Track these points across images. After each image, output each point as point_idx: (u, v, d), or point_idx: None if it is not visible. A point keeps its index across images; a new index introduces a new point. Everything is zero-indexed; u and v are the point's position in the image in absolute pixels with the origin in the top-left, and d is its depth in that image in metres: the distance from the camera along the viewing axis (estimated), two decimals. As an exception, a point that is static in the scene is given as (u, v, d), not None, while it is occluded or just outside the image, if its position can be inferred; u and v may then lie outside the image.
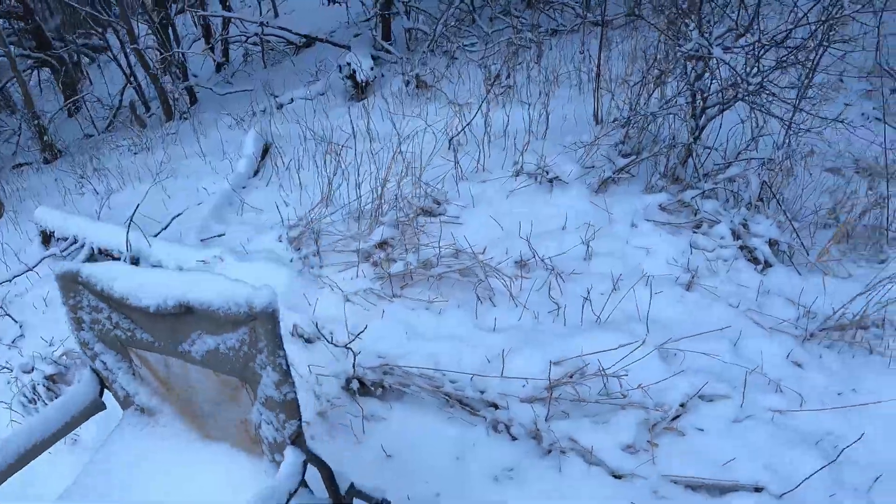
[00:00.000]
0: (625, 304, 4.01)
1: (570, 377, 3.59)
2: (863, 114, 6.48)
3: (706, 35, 4.63)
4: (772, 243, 4.38)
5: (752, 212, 4.49)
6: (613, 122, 5.09)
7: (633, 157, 4.94)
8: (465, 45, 7.46)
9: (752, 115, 4.91)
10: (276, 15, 11.58)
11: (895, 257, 4.72)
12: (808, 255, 4.46)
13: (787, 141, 5.11)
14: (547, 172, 5.01)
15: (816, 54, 4.99)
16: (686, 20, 4.56)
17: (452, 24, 8.00)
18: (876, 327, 4.10)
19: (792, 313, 4.07)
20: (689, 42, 4.53)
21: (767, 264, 4.36)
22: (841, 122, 4.84)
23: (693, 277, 4.17)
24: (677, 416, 3.44)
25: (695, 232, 4.48)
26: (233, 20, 10.31)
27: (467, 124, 5.63)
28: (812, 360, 3.82)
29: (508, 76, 6.40)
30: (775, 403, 3.54)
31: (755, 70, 4.71)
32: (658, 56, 5.12)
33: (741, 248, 4.37)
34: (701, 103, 4.88)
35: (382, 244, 4.80)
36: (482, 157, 5.37)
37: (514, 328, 4.05)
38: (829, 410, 3.54)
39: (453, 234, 4.75)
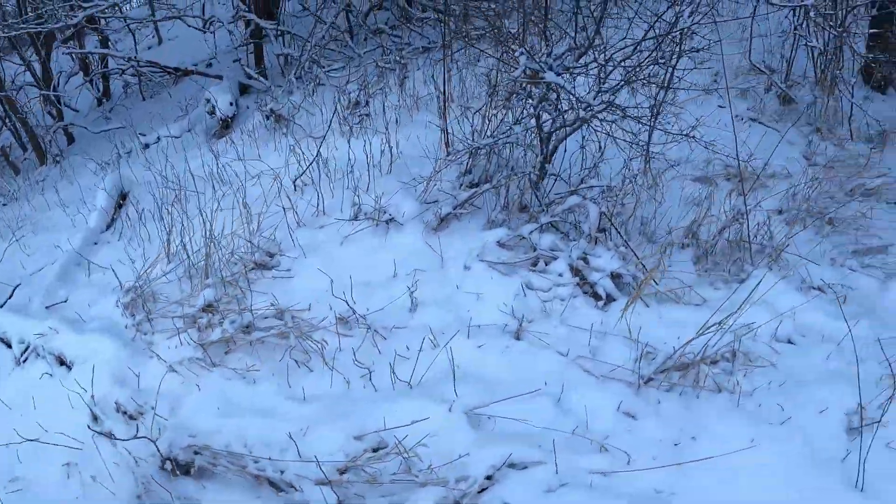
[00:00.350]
0: (443, 362, 3.75)
1: (372, 452, 3.34)
2: (737, 115, 6.30)
3: (538, 58, 4.40)
4: (615, 276, 4.15)
5: (592, 244, 4.25)
6: (448, 156, 4.82)
7: (475, 189, 4.69)
8: (329, 70, 7.17)
9: (596, 139, 4.67)
10: (161, 41, 11.26)
11: (757, 275, 4.51)
12: (656, 284, 4.24)
13: (644, 161, 4.90)
14: (384, 213, 4.75)
15: (667, 69, 4.79)
16: (512, 45, 4.31)
17: (323, 45, 7.71)
18: (725, 360, 3.88)
19: (631, 354, 3.84)
20: (518, 68, 4.28)
21: (610, 299, 4.13)
22: (692, 137, 4.63)
23: (521, 325, 3.93)
24: (483, 490, 3.20)
25: (532, 270, 4.24)
26: (111, 51, 9.96)
27: (311, 163, 5.34)
28: (647, 409, 3.59)
29: (366, 103, 6.13)
30: (597, 465, 3.31)
31: (600, 90, 4.49)
32: (496, 79, 4.88)
33: (580, 284, 4.13)
34: (551, 125, 4.65)
35: (208, 307, 4.52)
36: (321, 199, 5.09)
37: (326, 396, 3.83)
38: (658, 468, 3.30)
39: (275, 294, 4.51)
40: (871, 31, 6.81)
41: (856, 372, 3.78)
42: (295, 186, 5.45)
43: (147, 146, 7.79)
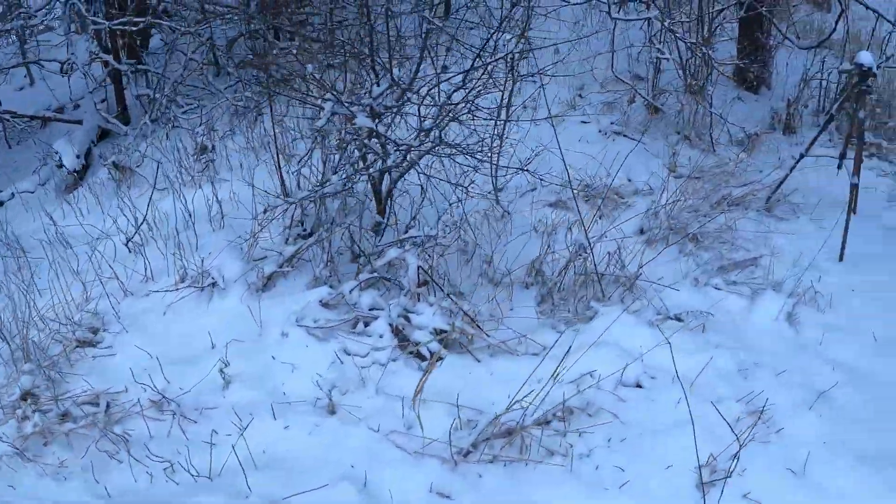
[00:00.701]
0: (247, 448, 3.47)
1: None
2: (600, 131, 6.10)
3: (354, 99, 4.15)
4: (440, 333, 3.90)
5: (414, 300, 3.99)
6: (265, 212, 4.53)
7: (302, 243, 4.42)
8: (186, 111, 6.84)
9: (419, 182, 4.42)
10: (33, 82, 10.83)
11: (605, 312, 4.29)
12: (487, 336, 3.99)
13: (494, 192, 4.67)
14: (208, 276, 4.46)
15: (502, 99, 4.57)
16: (312, 89, 4.05)
17: (179, 82, 7.35)
18: (558, 419, 3.64)
19: (451, 422, 3.57)
20: (323, 116, 4.02)
21: (437, 358, 3.87)
22: (527, 170, 4.40)
23: (331, 399, 3.66)
24: None
25: (352, 333, 3.98)
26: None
27: (141, 223, 5.02)
28: (465, 486, 3.35)
29: (212, 148, 5.81)
30: (401, 559, 3.05)
31: (421, 129, 4.25)
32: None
33: (401, 345, 3.87)
34: (378, 170, 4.39)
35: (26, 395, 4.20)
36: (148, 264, 4.78)
37: (130, 493, 3.54)
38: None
39: (95, 376, 4.21)
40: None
41: (709, 413, 3.60)
42: (129, 249, 5.12)
43: (1, 203, 7.38)
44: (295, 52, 4.32)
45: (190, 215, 5.01)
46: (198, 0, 7.91)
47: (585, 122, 6.18)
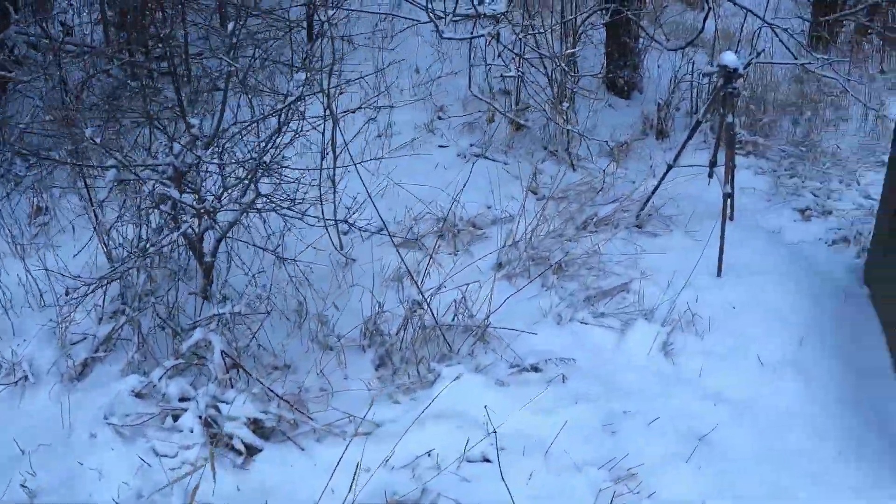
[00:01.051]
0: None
1: None
2: (459, 154, 5.68)
3: (136, 164, 3.69)
4: (255, 422, 3.46)
5: (224, 387, 3.55)
6: (66, 295, 4.04)
7: (115, 323, 3.96)
8: (27, 167, 6.25)
9: (226, 249, 3.98)
10: None
11: (449, 376, 3.84)
12: (311, 420, 3.56)
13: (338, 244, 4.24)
14: (20, 367, 3.98)
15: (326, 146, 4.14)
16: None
17: (25, 130, 6.72)
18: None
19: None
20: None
21: (254, 451, 3.44)
22: (348, 222, 3.98)
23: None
24: None
25: (161, 429, 3.52)
26: None
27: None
28: None
29: (46, 209, 5.29)
30: None
31: (224, 188, 3.82)
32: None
33: (213, 440, 3.43)
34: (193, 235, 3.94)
35: None
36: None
37: None
38: None
39: None
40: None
41: (566, 487, 3.21)
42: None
43: None
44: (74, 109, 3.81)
45: (7, 294, 4.48)
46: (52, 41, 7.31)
47: (444, 146, 5.77)
